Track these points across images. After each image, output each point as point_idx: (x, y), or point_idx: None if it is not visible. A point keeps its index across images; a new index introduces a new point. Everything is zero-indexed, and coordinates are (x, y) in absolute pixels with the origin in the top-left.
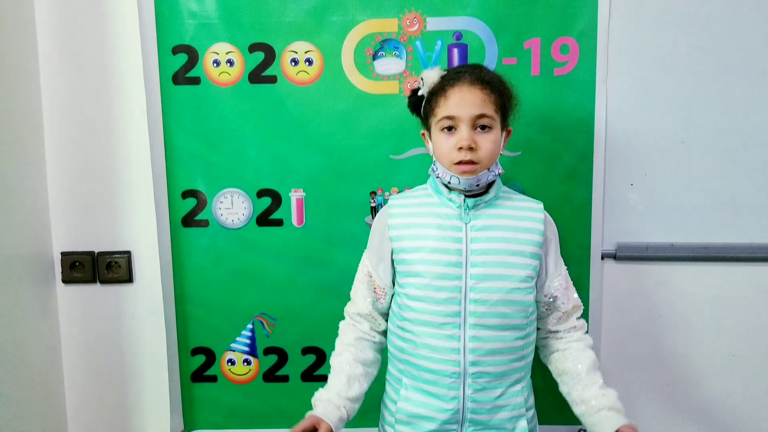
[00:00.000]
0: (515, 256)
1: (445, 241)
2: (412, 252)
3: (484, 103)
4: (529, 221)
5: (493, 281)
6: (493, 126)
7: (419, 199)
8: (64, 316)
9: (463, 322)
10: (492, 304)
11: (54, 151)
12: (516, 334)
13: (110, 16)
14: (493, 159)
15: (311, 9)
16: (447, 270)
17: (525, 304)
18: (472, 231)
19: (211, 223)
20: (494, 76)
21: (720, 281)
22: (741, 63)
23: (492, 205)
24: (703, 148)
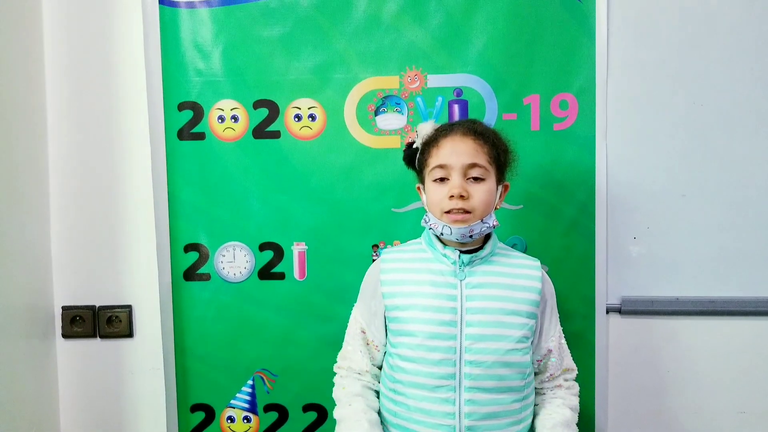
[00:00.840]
0: (512, 315)
1: (439, 299)
2: (405, 310)
3: (476, 153)
4: (526, 279)
5: (490, 342)
6: (486, 177)
7: (413, 253)
8: (63, 372)
9: (458, 385)
10: (488, 366)
11: (57, 204)
12: (513, 396)
13: (118, 72)
14: (487, 210)
15: (315, 67)
16: (441, 329)
17: (522, 365)
18: (467, 288)
19: (212, 277)
20: (488, 129)
21: (727, 336)
22: (739, 116)
23: (488, 262)
24: (705, 202)
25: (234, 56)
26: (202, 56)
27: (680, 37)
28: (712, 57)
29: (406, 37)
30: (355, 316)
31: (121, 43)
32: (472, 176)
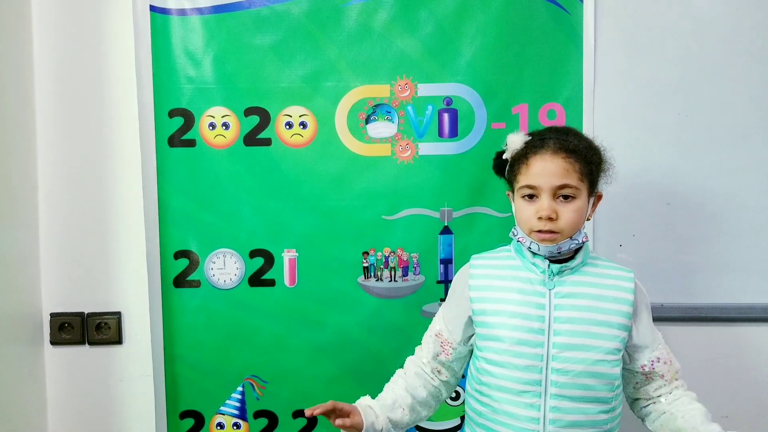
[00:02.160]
0: (602, 326)
1: (527, 307)
2: (493, 315)
3: (566, 173)
4: (618, 290)
5: (578, 351)
6: (577, 195)
7: (502, 261)
8: (51, 379)
9: (544, 392)
10: (575, 375)
11: (47, 211)
12: (600, 407)
13: (109, 79)
14: (576, 228)
15: (306, 75)
16: (528, 336)
17: (611, 377)
18: (556, 298)
19: (203, 284)
20: (580, 143)
21: (711, 342)
22: (725, 128)
23: (578, 272)
24: (690, 211)
25: (225, 64)
26: (194, 63)
27: (667, 50)
28: (699, 69)
29: (397, 47)
30: (438, 314)
31: (112, 49)
32: (561, 195)
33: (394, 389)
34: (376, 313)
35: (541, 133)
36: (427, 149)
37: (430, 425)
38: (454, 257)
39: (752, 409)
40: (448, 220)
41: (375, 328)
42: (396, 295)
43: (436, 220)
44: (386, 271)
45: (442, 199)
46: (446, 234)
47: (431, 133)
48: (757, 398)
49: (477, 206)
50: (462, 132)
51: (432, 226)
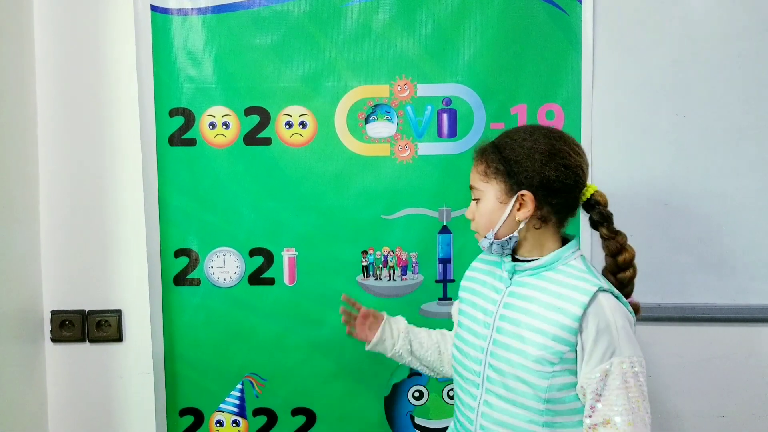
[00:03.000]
0: (535, 333)
1: (485, 300)
2: (465, 303)
3: (472, 174)
4: (567, 302)
5: (508, 352)
6: (480, 196)
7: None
8: (51, 376)
9: (482, 384)
10: (503, 375)
11: (48, 209)
12: (528, 415)
13: (110, 78)
14: (486, 228)
15: (306, 75)
16: (477, 328)
17: (537, 387)
18: (508, 297)
19: (202, 282)
20: (492, 144)
21: (708, 342)
22: (721, 129)
23: (539, 276)
24: (687, 212)
25: (225, 63)
26: (194, 63)
27: (664, 51)
28: (695, 71)
29: (397, 47)
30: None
31: (113, 49)
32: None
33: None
34: None
35: None
36: (426, 149)
37: (428, 423)
38: (452, 257)
39: (748, 410)
40: (446, 220)
41: None
42: (395, 294)
43: (434, 219)
44: (385, 270)
45: (440, 198)
46: (445, 233)
47: (430, 133)
48: (753, 398)
49: None
50: (461, 132)
51: (431, 226)
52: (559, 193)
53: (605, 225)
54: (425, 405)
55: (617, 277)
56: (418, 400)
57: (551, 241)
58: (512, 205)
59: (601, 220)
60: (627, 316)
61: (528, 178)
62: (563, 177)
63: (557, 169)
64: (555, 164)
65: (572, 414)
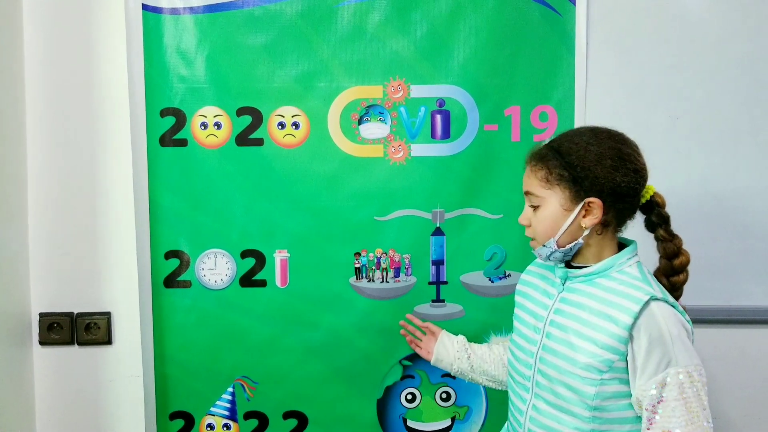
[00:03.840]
0: (584, 340)
1: (538, 305)
2: (519, 308)
3: (528, 181)
4: (617, 309)
5: (556, 358)
6: (541, 203)
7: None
8: (39, 379)
9: (531, 389)
10: (551, 380)
11: (36, 210)
12: (574, 422)
13: (100, 78)
14: (546, 235)
15: (299, 75)
16: (529, 332)
17: (584, 394)
18: (559, 303)
19: (193, 284)
20: (551, 150)
21: (700, 344)
22: (716, 131)
23: (591, 282)
24: (681, 214)
25: (217, 63)
26: (186, 63)
27: (658, 53)
28: (691, 72)
29: (390, 48)
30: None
31: (104, 48)
32: (530, 204)
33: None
34: (367, 313)
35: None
36: (420, 150)
37: (420, 426)
38: (445, 258)
39: (739, 411)
40: (440, 222)
41: (366, 329)
42: (388, 296)
43: (428, 221)
44: (378, 272)
45: (434, 200)
46: (438, 235)
47: (424, 134)
48: (746, 400)
49: (469, 208)
50: (454, 134)
51: (424, 228)
52: (626, 197)
53: (663, 227)
54: (418, 408)
55: (671, 281)
56: (410, 402)
57: (609, 247)
58: (578, 212)
59: (659, 222)
60: (683, 325)
61: (597, 185)
62: (633, 182)
63: (627, 174)
64: (625, 169)
65: (621, 423)
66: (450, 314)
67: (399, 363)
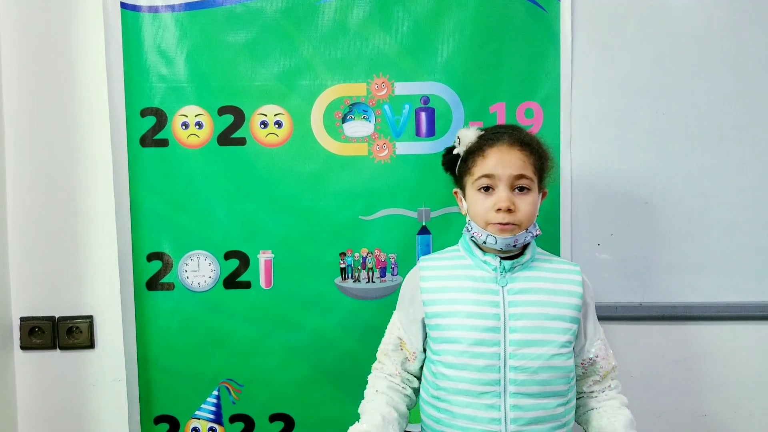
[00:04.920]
0: (555, 320)
1: (481, 306)
2: (447, 317)
3: (523, 164)
4: (568, 284)
5: (534, 347)
6: (531, 187)
7: (452, 261)
8: (21, 385)
9: (503, 391)
10: (533, 371)
11: (15, 213)
12: (558, 400)
13: (78, 78)
14: (531, 220)
15: (281, 73)
16: (485, 336)
17: (566, 369)
18: (510, 295)
19: (176, 286)
20: (533, 139)
21: (688, 340)
22: (700, 128)
23: (528, 268)
24: (667, 210)
25: (198, 62)
26: (166, 61)
27: (644, 49)
28: (676, 69)
29: (374, 45)
30: (394, 322)
31: (82, 47)
32: (517, 187)
33: (376, 408)
34: (353, 314)
35: (494, 128)
36: (405, 149)
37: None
38: None
39: (730, 408)
40: (425, 220)
41: (352, 330)
42: (374, 296)
43: (413, 220)
44: (364, 272)
45: (419, 198)
46: (424, 234)
47: (408, 132)
48: (735, 396)
49: (455, 206)
50: (439, 131)
51: (410, 226)
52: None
53: None
54: None
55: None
56: None
57: None
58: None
59: None
60: None
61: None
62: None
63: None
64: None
65: (574, 381)
66: None
67: None
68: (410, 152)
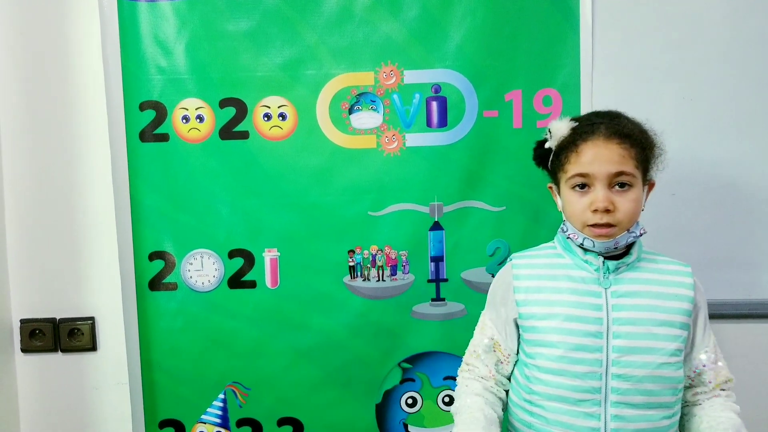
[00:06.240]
0: (664, 326)
1: (582, 308)
2: (544, 319)
3: (622, 159)
4: (678, 287)
5: (640, 355)
6: (634, 183)
7: (548, 258)
8: (22, 388)
9: (604, 400)
10: (637, 381)
11: (13, 212)
12: (663, 412)
13: (74, 71)
14: (633, 220)
15: (284, 63)
16: (585, 341)
17: (674, 380)
18: (614, 297)
19: (179, 287)
20: (635, 127)
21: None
22: (729, 114)
23: (634, 268)
24: (695, 202)
25: (198, 52)
26: (165, 53)
27: (668, 31)
28: (702, 51)
29: (381, 31)
30: (485, 322)
31: (77, 39)
32: (617, 183)
33: (476, 409)
34: (363, 314)
35: (589, 118)
36: (415, 140)
37: (423, 431)
38: (445, 254)
39: None
40: (438, 216)
41: (362, 331)
42: (384, 295)
43: (425, 215)
44: (373, 271)
45: (431, 193)
46: (436, 230)
47: (419, 122)
48: None
49: (469, 200)
50: (452, 121)
51: (421, 222)
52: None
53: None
54: (419, 412)
55: None
56: (411, 407)
57: None
58: (645, 195)
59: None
60: None
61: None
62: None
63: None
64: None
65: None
66: (451, 313)
67: (398, 366)
68: (421, 144)
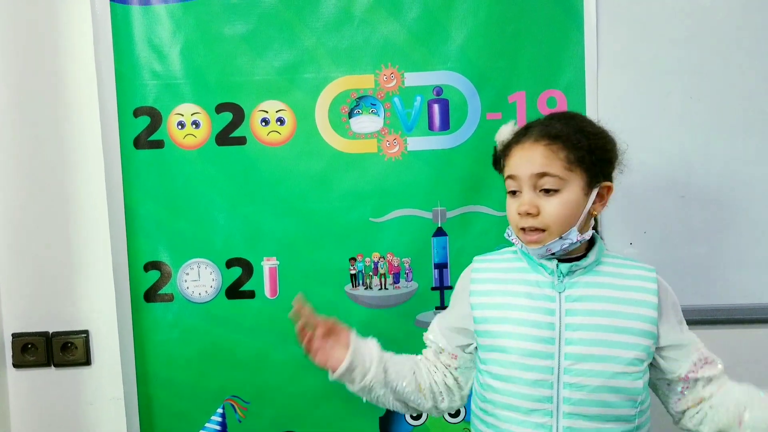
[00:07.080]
0: (621, 333)
1: (535, 313)
2: (497, 323)
3: (546, 161)
4: (639, 292)
5: (594, 363)
6: (562, 186)
7: (507, 262)
8: (15, 405)
9: (556, 410)
10: (591, 390)
11: (4, 222)
12: (621, 426)
13: (66, 77)
14: (567, 223)
15: (282, 66)
16: (537, 347)
17: (633, 391)
18: (567, 302)
19: (176, 298)
20: (570, 127)
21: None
22: (739, 113)
23: (592, 272)
24: (705, 203)
25: (194, 56)
26: (159, 57)
27: (674, 29)
28: (708, 50)
29: (381, 33)
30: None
31: (70, 44)
32: (543, 188)
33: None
34: (365, 324)
35: (532, 122)
36: (417, 144)
37: None
38: (449, 261)
39: None
40: (441, 221)
41: None
42: (387, 304)
43: (428, 221)
44: (376, 279)
45: (434, 198)
46: (440, 236)
47: (420, 126)
48: None
49: (473, 205)
50: (454, 124)
51: (424, 228)
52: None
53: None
54: (424, 425)
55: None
56: (416, 420)
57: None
58: (593, 198)
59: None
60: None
61: (610, 168)
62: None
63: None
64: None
65: (645, 405)
66: None
67: None
68: (423, 148)
